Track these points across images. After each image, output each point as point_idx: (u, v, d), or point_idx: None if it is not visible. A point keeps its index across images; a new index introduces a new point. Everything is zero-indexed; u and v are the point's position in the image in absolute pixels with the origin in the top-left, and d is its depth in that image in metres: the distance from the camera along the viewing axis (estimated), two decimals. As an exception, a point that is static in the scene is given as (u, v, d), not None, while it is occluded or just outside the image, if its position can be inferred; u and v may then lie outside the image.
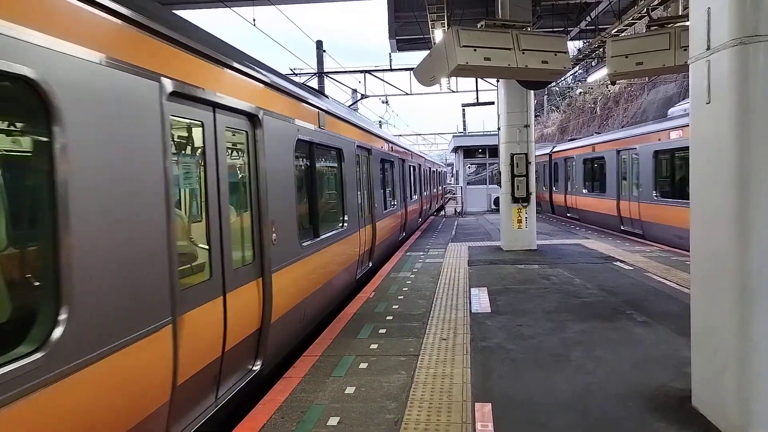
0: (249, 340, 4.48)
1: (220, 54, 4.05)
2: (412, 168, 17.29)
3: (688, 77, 3.87)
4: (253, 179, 4.69)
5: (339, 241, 7.38)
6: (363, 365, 5.02)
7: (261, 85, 4.88)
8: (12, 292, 2.46)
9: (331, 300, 7.16)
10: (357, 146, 8.86)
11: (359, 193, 9.04)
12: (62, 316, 2.39)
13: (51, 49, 2.40)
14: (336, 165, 8.06)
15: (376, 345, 5.62)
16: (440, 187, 32.44)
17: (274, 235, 4.83)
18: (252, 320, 4.53)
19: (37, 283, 2.57)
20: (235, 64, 4.33)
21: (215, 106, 4.02)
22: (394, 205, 12.91)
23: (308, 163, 6.63)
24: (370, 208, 9.83)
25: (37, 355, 2.25)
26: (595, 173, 18.17)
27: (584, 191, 18.95)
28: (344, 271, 7.76)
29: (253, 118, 4.65)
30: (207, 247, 3.89)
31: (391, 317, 6.71)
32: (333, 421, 3.89)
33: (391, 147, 12.88)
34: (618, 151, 15.68)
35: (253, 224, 4.68)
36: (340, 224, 7.82)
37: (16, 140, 2.61)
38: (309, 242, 6.13)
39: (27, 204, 2.62)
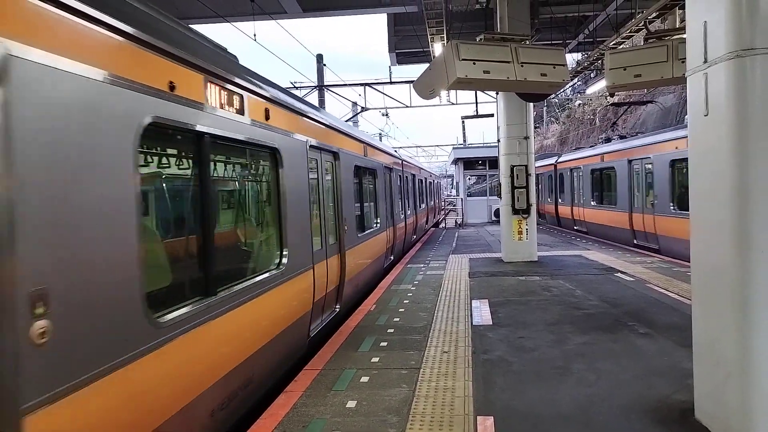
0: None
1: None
2: (402, 179, 15.05)
3: (686, 89, 3.91)
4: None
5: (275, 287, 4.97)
6: (364, 379, 5.00)
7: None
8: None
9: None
10: (311, 147, 6.36)
11: (316, 212, 6.60)
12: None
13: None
14: (267, 173, 5.40)
15: (378, 358, 5.61)
16: (437, 200, 30.46)
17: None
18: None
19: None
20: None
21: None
22: (376, 224, 10.60)
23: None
24: (337, 233, 7.51)
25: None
26: (604, 184, 17.39)
27: (593, 203, 18.13)
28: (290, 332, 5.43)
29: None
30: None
31: (392, 330, 6.69)
32: (334, 435, 3.87)
33: (371, 151, 10.63)
34: (630, 161, 14.85)
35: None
36: (276, 263, 5.28)
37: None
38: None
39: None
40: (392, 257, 12.58)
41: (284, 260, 5.23)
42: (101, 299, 2.67)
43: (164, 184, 3.86)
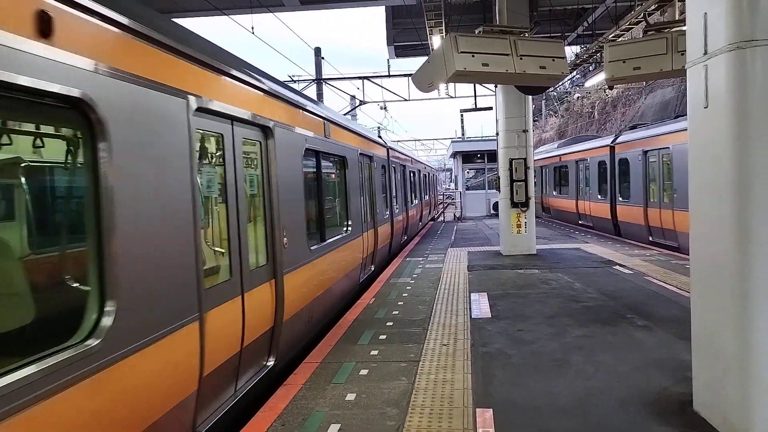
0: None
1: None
2: (388, 170, 12.38)
3: (686, 82, 3.89)
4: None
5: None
6: (363, 372, 5.01)
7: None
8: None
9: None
10: (199, 112, 3.78)
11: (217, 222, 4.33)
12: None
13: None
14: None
15: (377, 351, 5.61)
16: (433, 195, 27.82)
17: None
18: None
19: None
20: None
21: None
22: (346, 229, 8.23)
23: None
24: (269, 251, 5.06)
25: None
26: None
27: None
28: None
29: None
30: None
31: (391, 323, 6.70)
32: (334, 428, 3.88)
33: (337, 132, 7.87)
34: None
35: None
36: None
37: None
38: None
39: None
40: (373, 267, 10.32)
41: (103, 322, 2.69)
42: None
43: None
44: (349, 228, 8.38)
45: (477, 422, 3.86)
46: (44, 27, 2.38)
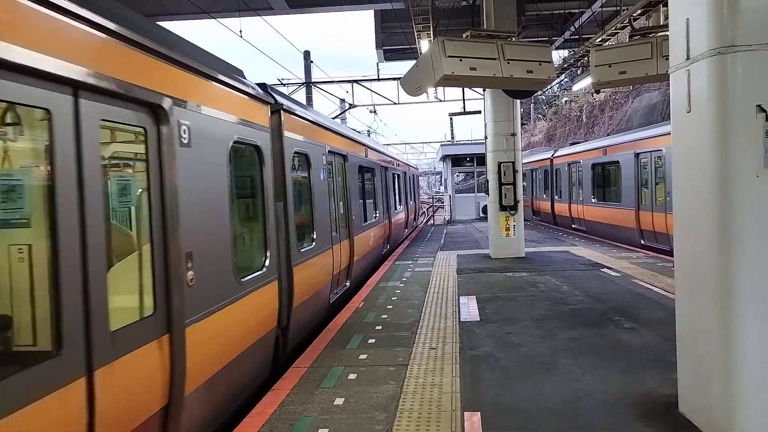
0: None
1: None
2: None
3: (669, 86, 3.94)
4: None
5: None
6: (352, 376, 5.00)
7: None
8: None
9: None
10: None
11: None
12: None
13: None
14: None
15: (365, 355, 5.61)
16: (416, 201, 24.91)
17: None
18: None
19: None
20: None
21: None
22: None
23: None
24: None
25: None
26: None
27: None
28: None
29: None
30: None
31: (380, 327, 6.70)
32: (322, 433, 3.87)
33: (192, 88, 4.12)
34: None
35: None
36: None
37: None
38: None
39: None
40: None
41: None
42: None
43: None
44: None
45: (465, 426, 3.87)
46: None
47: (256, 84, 5.59)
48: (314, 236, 6.85)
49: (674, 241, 3.96)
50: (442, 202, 28.92)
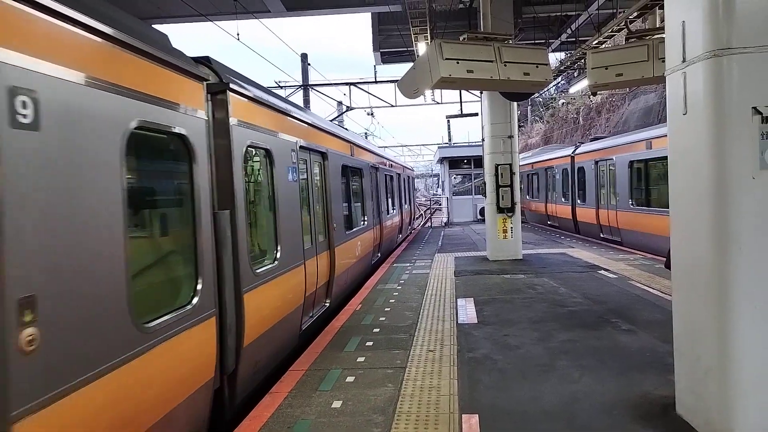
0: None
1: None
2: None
3: (666, 88, 3.95)
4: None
5: None
6: (350, 378, 5.00)
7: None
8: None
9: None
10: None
11: None
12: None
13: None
14: None
15: (363, 358, 5.60)
16: (411, 204, 23.21)
17: None
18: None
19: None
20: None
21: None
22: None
23: None
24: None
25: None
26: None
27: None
28: None
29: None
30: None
31: (378, 329, 6.69)
32: (320, 436, 3.86)
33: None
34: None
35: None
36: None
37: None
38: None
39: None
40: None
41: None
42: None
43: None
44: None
45: (463, 428, 3.87)
46: None
47: (197, 57, 4.45)
48: (278, 251, 5.51)
49: (671, 243, 3.96)
50: (440, 205, 28.90)
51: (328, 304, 7.59)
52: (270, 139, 5.56)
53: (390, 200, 15.38)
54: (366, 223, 10.99)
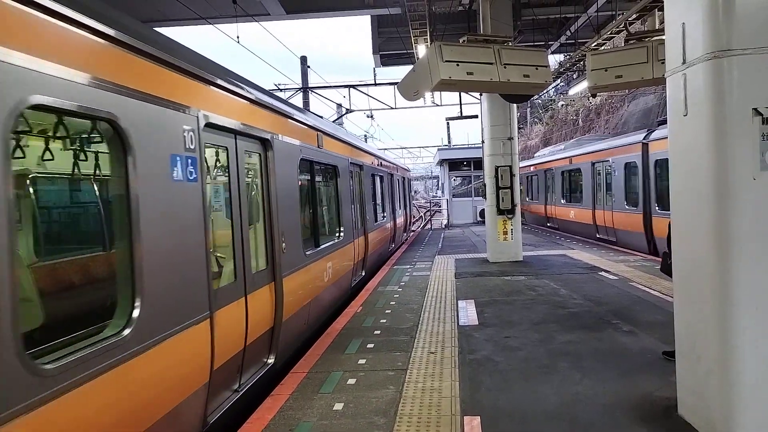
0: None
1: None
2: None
3: (666, 90, 3.96)
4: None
5: None
6: (351, 381, 4.99)
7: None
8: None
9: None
10: None
11: None
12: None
13: None
14: None
15: (364, 360, 5.60)
16: (408, 207, 21.67)
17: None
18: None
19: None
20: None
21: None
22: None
23: None
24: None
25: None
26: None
27: None
28: None
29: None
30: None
31: (378, 331, 6.69)
32: (321, 438, 3.86)
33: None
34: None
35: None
36: None
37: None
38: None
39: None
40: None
41: None
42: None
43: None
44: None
45: (465, 430, 3.87)
46: None
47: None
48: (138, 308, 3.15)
49: (672, 244, 3.97)
50: (440, 207, 28.93)
51: (271, 362, 5.34)
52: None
53: (379, 206, 13.37)
54: (342, 237, 8.76)
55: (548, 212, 21.32)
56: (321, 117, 9.70)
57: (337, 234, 8.70)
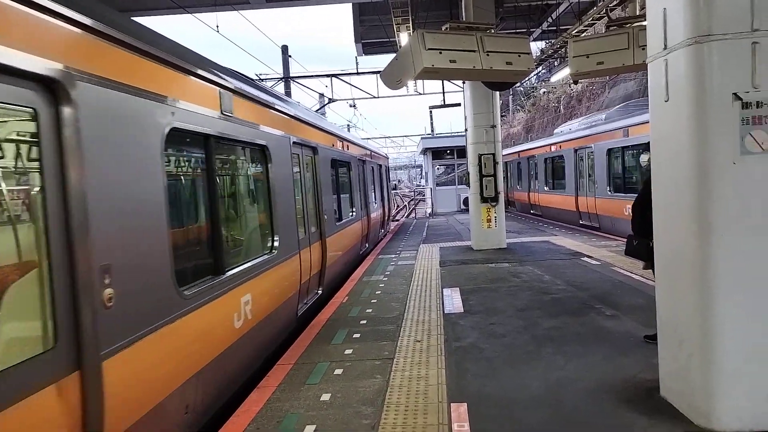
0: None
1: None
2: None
3: (647, 75, 3.98)
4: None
5: None
6: (338, 371, 5.00)
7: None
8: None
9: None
10: None
11: None
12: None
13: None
14: None
15: (351, 350, 5.60)
16: (387, 198, 19.84)
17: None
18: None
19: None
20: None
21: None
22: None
23: None
24: None
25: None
26: None
27: None
28: None
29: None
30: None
31: (365, 321, 6.69)
32: (309, 429, 3.86)
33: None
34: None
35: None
36: None
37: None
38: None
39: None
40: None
41: None
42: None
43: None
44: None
45: (452, 417, 3.89)
46: None
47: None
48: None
49: (653, 229, 4.01)
50: (424, 195, 28.97)
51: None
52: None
53: (357, 197, 12.21)
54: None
55: (531, 199, 21.64)
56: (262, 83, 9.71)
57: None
